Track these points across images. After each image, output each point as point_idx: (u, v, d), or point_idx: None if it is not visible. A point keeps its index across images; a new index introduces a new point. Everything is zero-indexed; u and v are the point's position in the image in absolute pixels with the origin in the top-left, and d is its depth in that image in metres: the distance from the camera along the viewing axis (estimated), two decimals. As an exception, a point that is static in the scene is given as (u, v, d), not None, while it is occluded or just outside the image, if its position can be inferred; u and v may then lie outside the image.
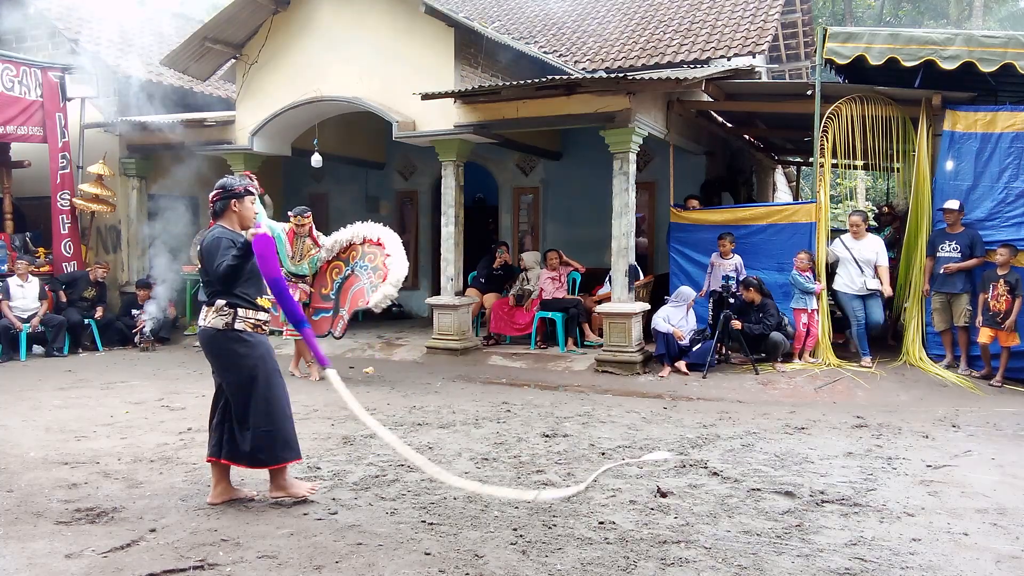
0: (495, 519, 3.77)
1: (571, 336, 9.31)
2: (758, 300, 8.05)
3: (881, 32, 8.23)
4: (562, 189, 11.81)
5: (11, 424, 5.79)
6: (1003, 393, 7.28)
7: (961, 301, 7.75)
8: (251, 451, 3.92)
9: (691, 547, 3.43)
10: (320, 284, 8.09)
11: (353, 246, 7.94)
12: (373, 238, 7.82)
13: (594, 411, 6.42)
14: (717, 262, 8.65)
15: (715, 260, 8.68)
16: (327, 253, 8.01)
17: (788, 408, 6.67)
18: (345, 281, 7.92)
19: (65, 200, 10.57)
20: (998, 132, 7.82)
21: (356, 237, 7.93)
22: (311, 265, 8.00)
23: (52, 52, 11.52)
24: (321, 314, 8.03)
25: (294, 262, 7.93)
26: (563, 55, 12.48)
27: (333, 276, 8.03)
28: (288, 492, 4.03)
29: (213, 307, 3.95)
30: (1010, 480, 4.52)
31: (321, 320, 8.02)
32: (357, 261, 7.88)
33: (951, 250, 7.76)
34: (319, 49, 9.77)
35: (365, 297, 7.56)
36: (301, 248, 7.95)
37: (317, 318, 8.01)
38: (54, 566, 3.21)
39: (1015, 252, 7.55)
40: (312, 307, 8.06)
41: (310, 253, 7.96)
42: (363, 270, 7.79)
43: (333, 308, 7.98)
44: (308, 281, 8.07)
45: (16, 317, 9.31)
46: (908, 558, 3.34)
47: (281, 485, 4.03)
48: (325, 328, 7.98)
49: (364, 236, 7.88)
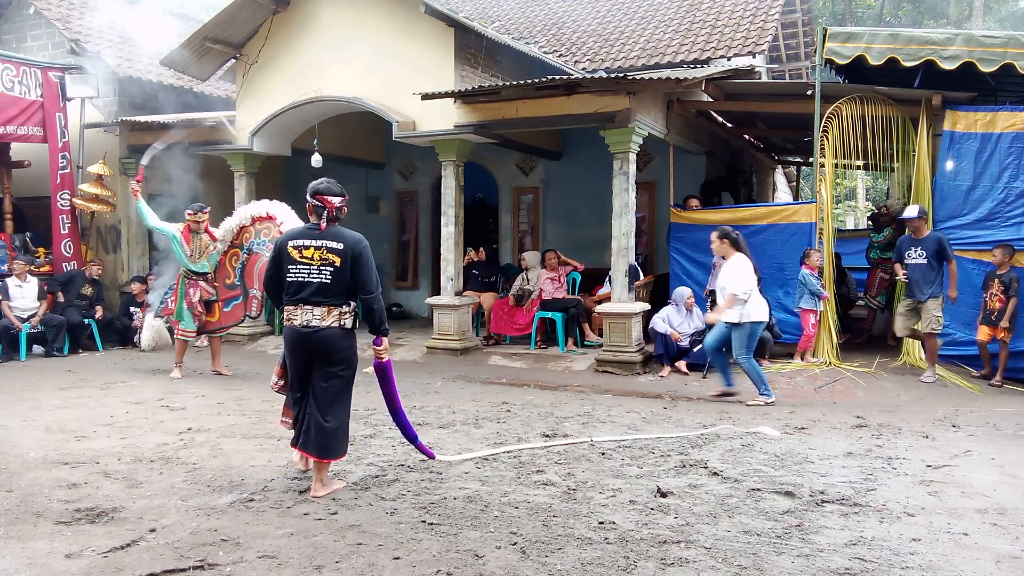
0: (495, 519, 3.77)
1: (571, 336, 9.31)
2: None
3: (881, 32, 8.24)
4: (562, 189, 11.81)
5: (11, 424, 5.78)
6: (1003, 393, 7.29)
7: (928, 308, 7.48)
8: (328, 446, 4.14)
9: (691, 547, 3.43)
10: (223, 276, 8.17)
11: (245, 228, 8.01)
12: (262, 214, 7.90)
13: (594, 411, 6.42)
14: (719, 262, 8.64)
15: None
16: (223, 244, 8.09)
17: (788, 408, 6.67)
18: (247, 263, 8.02)
19: (65, 200, 10.57)
20: (998, 132, 7.82)
21: (245, 219, 8.01)
22: (211, 261, 8.09)
23: (52, 52, 11.53)
24: (232, 303, 8.14)
25: (192, 260, 8.01)
26: (563, 55, 12.48)
27: (233, 264, 8.13)
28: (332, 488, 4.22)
29: (333, 309, 4.09)
30: (1010, 480, 4.52)
31: (234, 308, 8.15)
32: (252, 240, 7.97)
33: (918, 256, 7.62)
34: (319, 49, 9.77)
35: None
36: (199, 245, 8.01)
37: (229, 308, 8.14)
38: (54, 566, 3.21)
39: (1011, 251, 7.56)
40: (220, 300, 8.16)
41: (208, 249, 8.04)
42: (261, 246, 7.87)
43: (242, 292, 8.10)
44: (210, 278, 8.15)
45: (16, 317, 9.31)
46: (908, 558, 3.34)
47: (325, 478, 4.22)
48: (240, 314, 8.14)
49: (252, 215, 7.97)
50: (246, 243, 8.01)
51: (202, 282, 8.07)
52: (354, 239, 4.16)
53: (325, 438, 4.13)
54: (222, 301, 8.15)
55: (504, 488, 4.27)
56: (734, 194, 11.14)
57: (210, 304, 8.13)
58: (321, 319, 4.08)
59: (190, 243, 7.98)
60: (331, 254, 4.10)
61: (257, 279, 7.88)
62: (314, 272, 4.09)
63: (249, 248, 7.99)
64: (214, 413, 6.22)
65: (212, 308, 8.15)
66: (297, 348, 4.15)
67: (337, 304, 4.10)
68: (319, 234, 4.14)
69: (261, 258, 7.81)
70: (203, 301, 8.07)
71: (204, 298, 8.07)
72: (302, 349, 4.14)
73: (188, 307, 8.00)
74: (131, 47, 12.01)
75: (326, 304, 4.09)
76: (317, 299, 4.08)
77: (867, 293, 9.70)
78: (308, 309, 4.08)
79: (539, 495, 4.15)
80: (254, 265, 7.94)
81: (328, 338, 4.09)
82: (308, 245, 4.12)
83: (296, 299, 4.11)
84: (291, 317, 4.13)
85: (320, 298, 4.08)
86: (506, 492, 4.20)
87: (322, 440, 4.12)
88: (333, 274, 4.09)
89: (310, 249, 4.12)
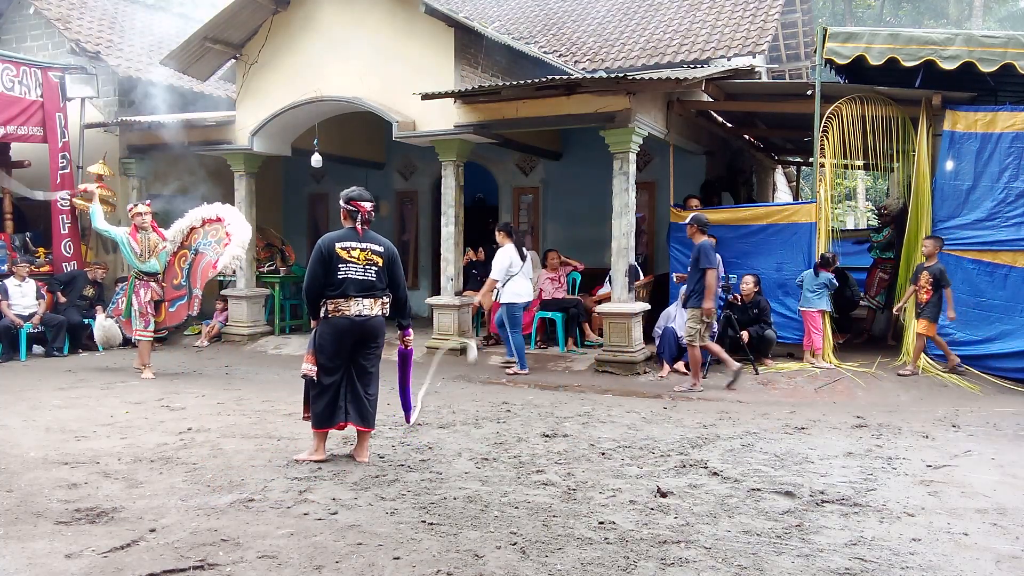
0: (495, 519, 3.77)
1: (571, 336, 9.31)
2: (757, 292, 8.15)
3: (881, 32, 8.24)
4: (562, 189, 11.80)
5: (11, 424, 5.78)
6: (1003, 393, 7.29)
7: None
8: (371, 415, 4.85)
9: (691, 547, 3.43)
10: (171, 276, 8.20)
11: (194, 230, 8.09)
12: (211, 216, 8.00)
13: (594, 411, 6.42)
14: None
15: None
16: (172, 245, 8.12)
17: (788, 408, 6.67)
18: (193, 263, 8.06)
19: (65, 200, 10.57)
20: (998, 132, 7.83)
21: (195, 220, 8.09)
22: (160, 260, 8.08)
23: (52, 52, 11.52)
24: (177, 303, 8.16)
25: (142, 260, 8.00)
26: (563, 55, 12.48)
27: (181, 264, 8.17)
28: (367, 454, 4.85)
29: (378, 300, 4.80)
30: (1010, 480, 4.52)
31: (178, 308, 8.17)
32: (199, 241, 8.05)
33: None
34: (319, 49, 9.77)
35: (214, 265, 7.81)
36: (147, 244, 8.00)
37: (174, 308, 8.17)
38: (54, 566, 3.21)
39: (940, 243, 7.80)
40: (167, 300, 8.16)
41: (157, 248, 8.04)
42: (207, 246, 7.97)
43: (187, 292, 8.12)
44: (159, 278, 8.15)
45: (16, 316, 9.31)
46: (908, 558, 3.34)
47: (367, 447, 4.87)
48: (183, 314, 8.15)
49: (202, 217, 8.07)
50: (194, 244, 8.08)
51: (152, 283, 8.08)
52: (389, 244, 4.95)
53: (370, 408, 4.84)
54: (168, 301, 8.18)
55: (504, 488, 4.27)
56: (734, 194, 11.13)
57: (158, 304, 8.15)
58: (370, 308, 4.74)
59: (138, 242, 7.99)
60: (375, 255, 4.79)
61: (200, 277, 7.97)
62: (362, 270, 4.73)
63: (196, 248, 8.07)
64: (214, 413, 6.21)
65: (159, 308, 8.18)
66: (346, 335, 4.72)
67: (381, 296, 4.81)
68: (361, 237, 4.79)
69: (205, 257, 7.97)
70: (152, 302, 8.08)
71: (154, 299, 8.08)
72: (350, 335, 4.73)
73: (138, 307, 8.00)
74: (131, 47, 12.01)
75: (373, 296, 4.76)
76: (367, 293, 4.74)
77: (867, 293, 9.71)
78: (358, 300, 4.70)
79: (539, 495, 4.15)
80: (199, 264, 8.02)
81: (377, 324, 4.82)
82: (354, 247, 4.74)
83: (347, 293, 4.69)
84: (342, 308, 4.69)
85: (370, 292, 4.75)
86: (506, 492, 4.20)
87: (367, 411, 4.81)
88: (378, 272, 4.80)
89: (356, 250, 4.74)
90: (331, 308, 4.70)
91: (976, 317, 7.86)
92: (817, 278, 8.05)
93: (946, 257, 7.92)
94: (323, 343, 4.74)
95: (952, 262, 7.93)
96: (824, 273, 8.04)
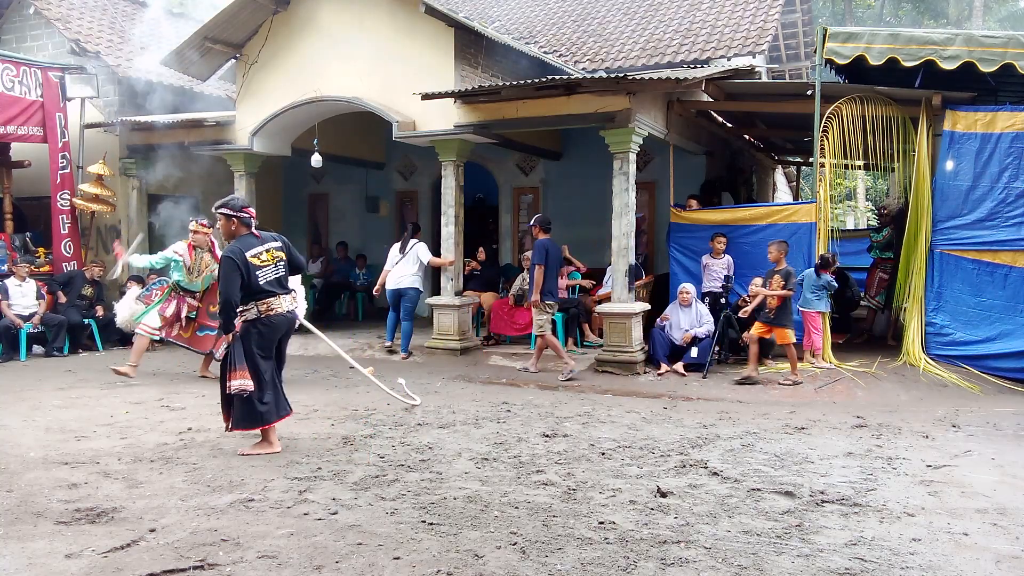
0: (495, 519, 3.77)
1: (571, 336, 9.31)
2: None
3: (881, 32, 8.23)
4: (562, 189, 11.80)
5: (11, 424, 5.79)
6: (1003, 393, 7.29)
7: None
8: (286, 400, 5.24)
9: (691, 547, 3.43)
10: (209, 301, 7.77)
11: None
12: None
13: (594, 411, 6.42)
14: (709, 262, 8.66)
15: (707, 260, 8.70)
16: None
17: (788, 408, 6.67)
18: None
19: (65, 200, 10.57)
20: (998, 132, 7.82)
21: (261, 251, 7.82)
22: (205, 282, 7.80)
23: (52, 52, 11.52)
24: (206, 331, 7.83)
25: (191, 279, 7.76)
26: (563, 55, 12.48)
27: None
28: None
29: (291, 294, 5.15)
30: (1010, 480, 4.52)
31: (204, 338, 7.84)
32: None
33: None
34: (319, 49, 9.77)
35: None
36: (199, 263, 7.74)
37: (201, 335, 7.85)
38: (54, 566, 3.21)
39: (786, 247, 7.85)
40: (198, 322, 7.87)
41: (208, 269, 7.72)
42: None
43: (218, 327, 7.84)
44: (198, 296, 7.88)
45: (16, 316, 9.31)
46: (908, 558, 3.34)
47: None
48: (208, 346, 7.77)
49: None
50: None
51: (189, 298, 7.83)
52: (279, 235, 5.23)
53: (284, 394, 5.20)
54: (198, 325, 7.86)
55: (504, 488, 4.27)
56: (734, 194, 11.13)
57: (188, 320, 7.85)
58: (291, 303, 5.13)
59: (192, 259, 7.72)
60: (278, 252, 5.08)
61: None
62: (274, 268, 5.02)
63: None
64: (214, 413, 6.18)
65: (188, 325, 7.87)
66: (278, 330, 5.06)
67: (291, 290, 5.19)
68: (259, 240, 5.03)
69: None
70: (184, 316, 7.79)
71: (188, 313, 7.80)
72: (280, 331, 5.08)
73: (160, 311, 7.71)
74: (131, 47, 12.01)
75: (288, 291, 5.14)
76: (285, 289, 5.09)
77: (867, 293, 9.71)
78: (282, 298, 5.03)
79: (539, 495, 4.15)
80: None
81: (295, 316, 5.23)
82: (261, 251, 4.98)
83: (275, 292, 4.99)
84: (274, 307, 4.98)
85: (286, 288, 5.11)
86: (506, 492, 4.20)
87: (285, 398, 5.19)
88: (285, 265, 5.13)
89: (264, 254, 4.99)
90: (263, 309, 4.95)
91: (976, 317, 7.86)
92: (818, 280, 8.04)
93: (946, 257, 7.92)
94: (261, 343, 4.98)
95: (952, 262, 7.93)
96: (825, 275, 8.04)
